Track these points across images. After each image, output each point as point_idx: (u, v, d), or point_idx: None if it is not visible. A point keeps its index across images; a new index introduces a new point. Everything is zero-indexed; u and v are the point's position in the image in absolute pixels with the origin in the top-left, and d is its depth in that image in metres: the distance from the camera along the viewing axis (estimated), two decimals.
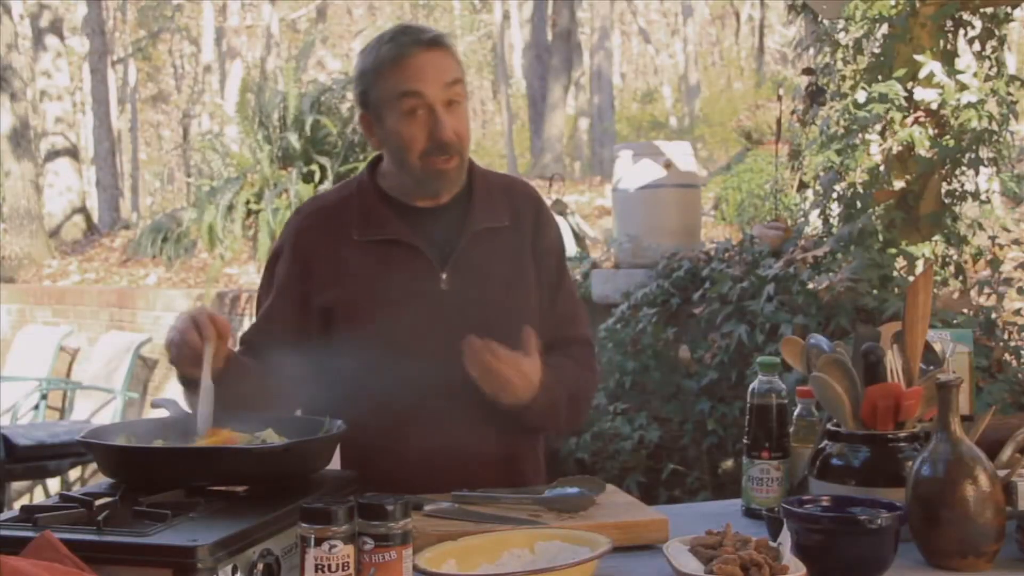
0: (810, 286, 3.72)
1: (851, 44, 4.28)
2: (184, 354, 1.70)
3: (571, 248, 6.58)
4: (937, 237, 3.91)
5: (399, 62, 1.86)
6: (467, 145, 1.91)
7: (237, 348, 1.96)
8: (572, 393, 1.94)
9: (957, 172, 3.98)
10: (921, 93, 3.89)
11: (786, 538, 1.34)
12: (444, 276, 1.89)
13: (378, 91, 1.89)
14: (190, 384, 1.73)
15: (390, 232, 1.90)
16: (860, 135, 3.92)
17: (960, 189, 4.00)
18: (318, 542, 1.22)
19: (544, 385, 1.85)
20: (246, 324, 7.08)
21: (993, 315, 3.59)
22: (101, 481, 1.53)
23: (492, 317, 1.87)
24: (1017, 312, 4.01)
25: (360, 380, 1.82)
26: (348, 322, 1.90)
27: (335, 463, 1.77)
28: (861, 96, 3.92)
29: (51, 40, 13.14)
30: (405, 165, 1.90)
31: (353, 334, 1.89)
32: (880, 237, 3.83)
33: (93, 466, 5.96)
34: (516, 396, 1.82)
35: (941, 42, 3.99)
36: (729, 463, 3.92)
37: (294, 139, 6.85)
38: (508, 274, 1.94)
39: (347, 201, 1.97)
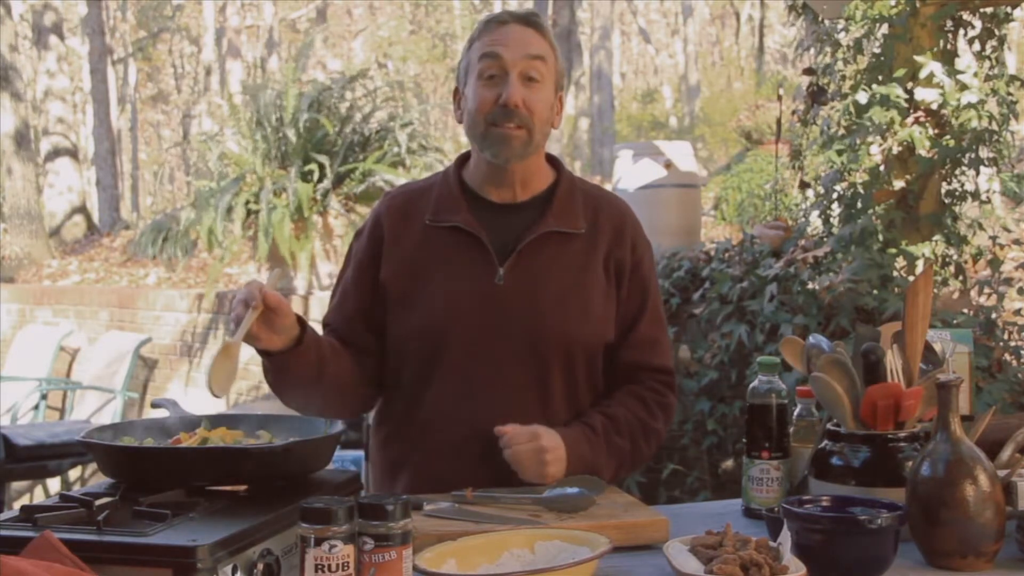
0: (810, 286, 3.71)
1: (851, 44, 4.27)
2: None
3: None
4: (937, 237, 3.91)
5: (489, 29, 1.89)
6: (537, 122, 1.86)
7: (322, 331, 1.97)
8: (636, 439, 1.89)
9: (957, 172, 3.98)
10: (922, 93, 3.89)
11: (786, 538, 1.34)
12: (501, 272, 1.86)
13: (467, 59, 1.91)
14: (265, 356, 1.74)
15: (457, 220, 1.89)
16: (861, 139, 3.92)
17: (960, 189, 4.00)
18: (318, 542, 1.22)
19: (590, 450, 1.81)
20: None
21: (993, 315, 3.59)
22: (101, 481, 1.53)
23: (543, 321, 1.84)
24: (1017, 312, 4.01)
25: (396, 364, 1.84)
26: (397, 302, 1.90)
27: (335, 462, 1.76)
28: (862, 97, 3.92)
29: (53, 40, 13.15)
30: (474, 130, 1.88)
31: (398, 315, 1.89)
32: (880, 237, 3.82)
33: (93, 466, 5.97)
34: (551, 476, 1.76)
35: (941, 42, 3.99)
36: (729, 463, 3.91)
37: (292, 138, 6.84)
38: (570, 281, 1.88)
39: (430, 188, 1.97)
